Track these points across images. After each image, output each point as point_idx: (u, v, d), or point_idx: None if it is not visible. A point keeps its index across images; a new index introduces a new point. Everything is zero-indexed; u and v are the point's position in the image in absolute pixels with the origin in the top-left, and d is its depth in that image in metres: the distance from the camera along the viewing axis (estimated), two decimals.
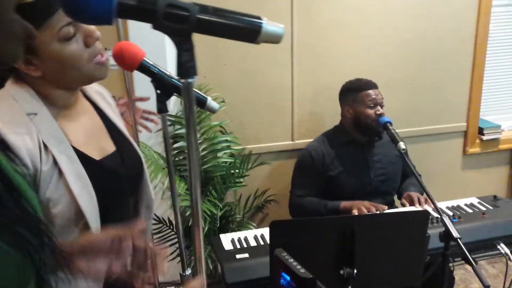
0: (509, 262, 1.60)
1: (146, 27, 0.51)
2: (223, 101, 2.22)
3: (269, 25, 0.54)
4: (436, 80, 2.57)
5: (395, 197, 2.17)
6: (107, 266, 0.73)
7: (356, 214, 1.77)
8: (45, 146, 0.85)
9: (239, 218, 2.30)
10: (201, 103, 0.99)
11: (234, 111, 2.33)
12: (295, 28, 2.30)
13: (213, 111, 1.02)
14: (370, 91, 2.01)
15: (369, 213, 1.76)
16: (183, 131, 2.14)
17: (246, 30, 0.54)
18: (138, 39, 1.54)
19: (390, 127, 1.91)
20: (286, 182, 2.20)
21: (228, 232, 2.09)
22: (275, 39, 0.55)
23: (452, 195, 2.36)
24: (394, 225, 1.35)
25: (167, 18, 0.50)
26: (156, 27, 0.51)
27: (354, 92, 2.04)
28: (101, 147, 0.99)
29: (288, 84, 2.38)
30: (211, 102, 1.00)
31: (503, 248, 1.60)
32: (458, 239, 1.40)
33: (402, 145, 1.80)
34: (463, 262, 1.38)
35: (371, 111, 1.99)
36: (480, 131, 2.72)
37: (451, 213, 1.79)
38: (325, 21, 2.34)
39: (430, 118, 2.62)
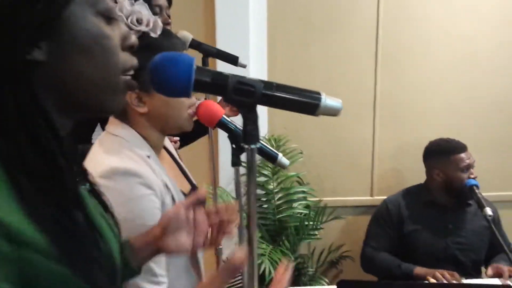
0: None
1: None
2: (301, 153, 2.26)
3: (328, 100, 0.58)
4: None
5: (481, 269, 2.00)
6: (190, 240, 0.76)
7: (432, 281, 1.66)
8: (165, 185, 0.90)
9: (312, 272, 2.27)
10: (272, 158, 1.05)
11: (312, 163, 2.36)
12: (378, 82, 2.31)
13: (283, 166, 1.07)
14: (463, 155, 1.90)
15: (445, 282, 1.63)
16: (261, 179, 2.21)
17: (306, 104, 0.58)
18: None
19: (477, 191, 1.80)
20: (363, 239, 2.14)
21: (299, 285, 2.07)
22: (333, 112, 0.59)
23: None
24: None
25: (236, 93, 0.57)
26: (226, 99, 0.58)
27: (445, 155, 1.94)
28: (183, 186, 1.05)
29: (369, 138, 2.37)
30: (282, 159, 1.05)
31: None
32: None
33: (488, 211, 1.68)
34: None
35: (465, 175, 1.89)
36: None
37: None
38: (410, 76, 2.32)
39: None
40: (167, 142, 1.12)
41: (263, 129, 2.32)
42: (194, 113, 1.01)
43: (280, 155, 1.07)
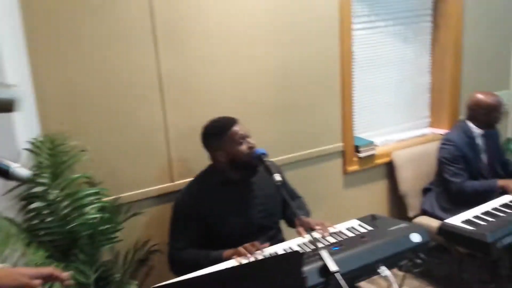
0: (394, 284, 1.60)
1: None
2: (83, 150, 1.97)
3: None
4: (309, 104, 2.62)
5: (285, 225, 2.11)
6: None
7: (239, 259, 1.65)
8: None
9: (118, 277, 2.04)
10: (2, 173, 0.79)
11: (101, 159, 2.10)
12: (162, 62, 2.17)
13: (22, 180, 0.82)
14: (235, 128, 1.91)
15: (246, 260, 1.65)
16: (38, 189, 1.85)
17: None
18: None
19: (265, 159, 1.86)
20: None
21: None
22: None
23: (336, 214, 2.38)
24: (268, 272, 1.25)
25: None
26: None
27: (219, 135, 1.93)
28: None
29: (160, 122, 2.22)
30: (16, 170, 0.81)
31: (383, 271, 1.59)
32: (336, 273, 1.36)
33: (277, 176, 1.74)
34: None
35: (243, 147, 1.91)
36: (356, 149, 2.83)
37: (333, 240, 1.75)
38: (193, 54, 2.25)
39: (308, 142, 2.65)
40: None
41: (35, 129, 1.94)
42: None
43: (15, 165, 0.81)
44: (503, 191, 2.42)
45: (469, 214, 2.18)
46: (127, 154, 2.17)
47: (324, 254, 1.42)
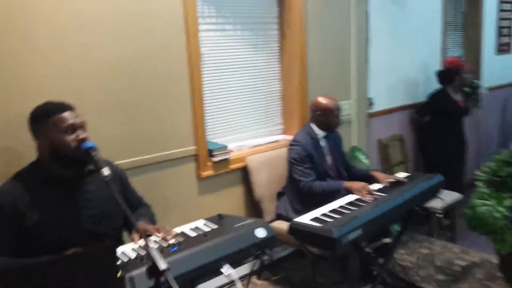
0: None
1: None
2: None
3: None
4: (156, 104, 2.42)
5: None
6: None
7: None
8: None
9: None
10: None
11: None
12: None
13: None
14: (65, 114, 1.64)
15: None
16: None
17: None
18: None
19: (93, 153, 1.60)
20: None
21: None
22: None
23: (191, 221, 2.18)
24: (79, 266, 1.01)
25: None
26: None
27: (44, 119, 1.64)
28: None
29: None
30: None
31: (227, 270, 1.45)
32: (165, 271, 1.16)
33: (106, 171, 1.50)
34: None
35: (69, 138, 1.62)
36: (210, 154, 2.70)
37: (174, 241, 1.56)
38: (24, 37, 1.89)
39: (157, 145, 2.45)
40: None
41: None
42: None
43: None
44: (348, 192, 2.52)
45: (317, 212, 2.20)
46: None
47: (153, 251, 1.21)
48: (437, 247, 3.45)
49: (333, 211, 2.21)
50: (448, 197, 3.46)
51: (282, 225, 2.62)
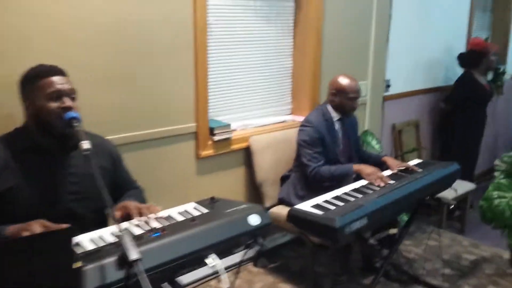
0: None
1: None
2: None
3: None
4: (156, 76, 2.26)
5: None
6: None
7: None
8: None
9: None
10: None
11: None
12: None
13: None
14: (53, 78, 1.52)
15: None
16: None
17: None
18: None
19: (75, 124, 1.47)
20: None
21: None
22: None
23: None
24: (29, 257, 0.88)
25: None
26: None
27: (32, 81, 1.53)
28: None
29: None
30: None
31: (212, 261, 1.31)
32: (136, 261, 1.03)
33: (85, 144, 1.37)
34: None
35: (54, 105, 1.50)
36: (211, 132, 2.55)
37: (158, 225, 1.42)
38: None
39: (155, 120, 2.30)
40: None
41: None
42: None
43: None
44: (358, 176, 2.36)
45: (319, 199, 2.05)
46: None
47: (126, 238, 1.08)
48: (446, 239, 3.28)
49: (337, 198, 2.06)
50: (461, 187, 3.27)
51: (283, 211, 2.48)
